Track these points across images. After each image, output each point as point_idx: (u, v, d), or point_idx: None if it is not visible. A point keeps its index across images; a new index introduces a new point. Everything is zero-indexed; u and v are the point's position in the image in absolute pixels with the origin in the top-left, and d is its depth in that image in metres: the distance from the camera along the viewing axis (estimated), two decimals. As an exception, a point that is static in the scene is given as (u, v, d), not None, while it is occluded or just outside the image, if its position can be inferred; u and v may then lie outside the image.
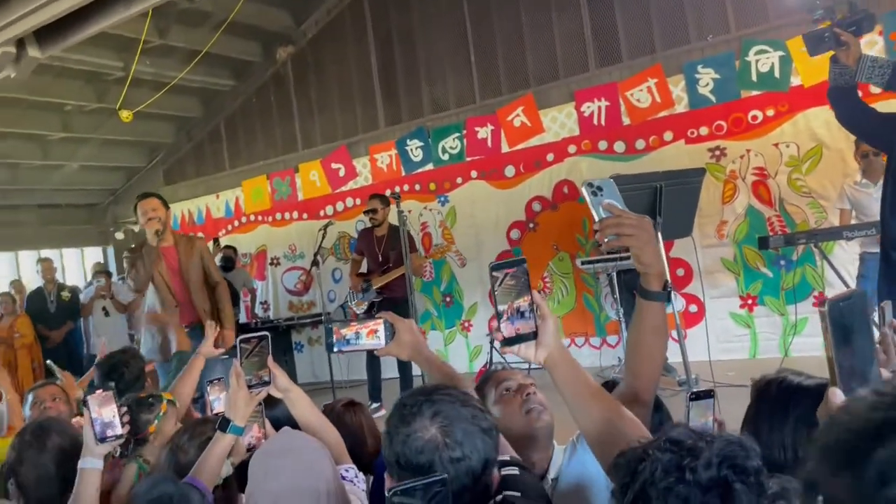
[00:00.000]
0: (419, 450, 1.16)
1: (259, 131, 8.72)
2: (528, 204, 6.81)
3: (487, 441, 1.19)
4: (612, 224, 1.32)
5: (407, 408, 1.21)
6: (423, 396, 1.22)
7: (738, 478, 0.83)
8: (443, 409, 1.19)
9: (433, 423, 1.17)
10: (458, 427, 1.17)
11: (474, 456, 1.16)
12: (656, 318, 1.42)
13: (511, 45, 6.98)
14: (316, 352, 7.98)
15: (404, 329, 1.63)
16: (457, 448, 1.16)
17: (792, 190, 5.63)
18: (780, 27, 5.62)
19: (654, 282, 1.39)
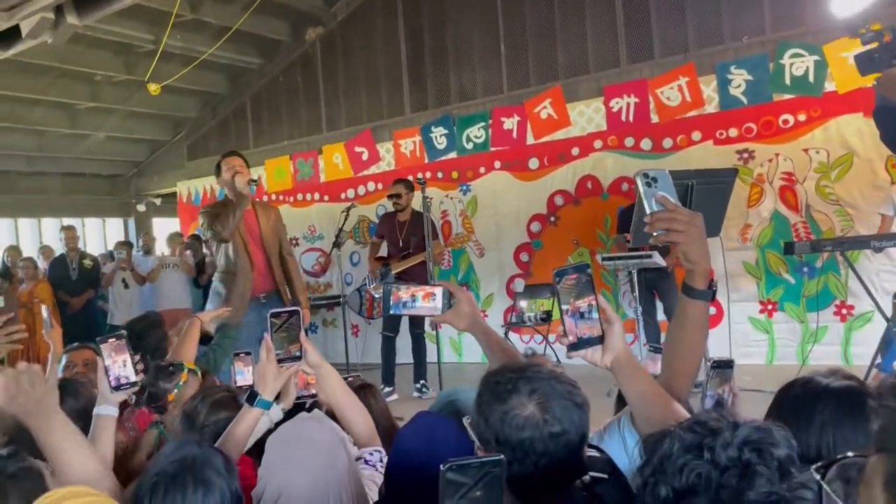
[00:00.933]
0: (520, 426, 1.16)
1: (284, 111, 8.73)
2: (550, 197, 6.79)
3: (582, 416, 1.20)
4: (665, 218, 1.31)
5: (501, 385, 1.21)
6: (517, 374, 1.22)
7: (760, 461, 0.82)
8: (539, 385, 1.19)
9: (531, 400, 1.18)
10: (555, 403, 1.18)
11: (572, 430, 1.18)
12: (699, 316, 1.41)
13: (542, 36, 6.94)
14: (330, 333, 8.02)
15: (464, 299, 1.62)
16: (556, 423, 1.17)
17: (819, 196, 5.57)
18: (818, 31, 5.54)
19: (700, 280, 1.38)
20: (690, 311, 1.41)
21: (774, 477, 0.81)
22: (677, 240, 1.32)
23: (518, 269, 6.98)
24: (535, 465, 1.13)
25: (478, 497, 1.00)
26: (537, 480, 1.15)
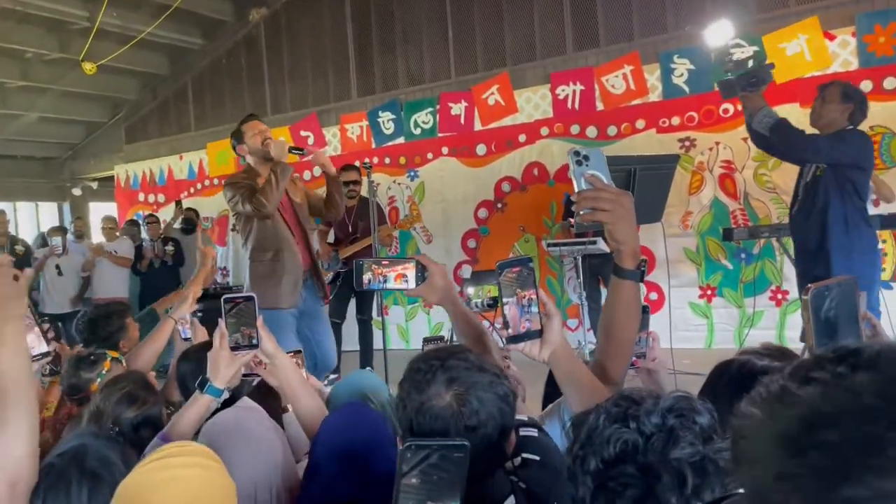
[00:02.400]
0: (435, 417, 1.12)
1: (227, 93, 8.52)
2: (497, 184, 6.80)
3: (504, 408, 1.16)
4: (590, 196, 1.30)
5: (421, 373, 1.17)
6: (438, 361, 1.17)
7: (682, 426, 0.82)
8: (459, 375, 1.15)
9: (448, 391, 1.14)
10: (473, 395, 1.14)
11: (490, 423, 1.14)
12: (629, 297, 1.40)
13: (490, 22, 6.93)
14: (275, 321, 7.89)
15: (437, 272, 1.61)
16: (472, 416, 1.13)
17: (757, 184, 5.73)
18: (757, 22, 5.67)
19: (628, 260, 1.36)
20: (620, 292, 1.39)
21: (698, 440, 0.81)
22: (602, 219, 1.31)
23: (465, 256, 6.98)
24: None
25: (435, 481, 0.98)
26: None
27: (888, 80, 5.25)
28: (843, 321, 0.93)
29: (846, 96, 3.55)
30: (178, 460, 1.08)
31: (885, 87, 5.25)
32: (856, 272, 3.31)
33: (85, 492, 1.25)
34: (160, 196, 8.95)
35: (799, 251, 3.69)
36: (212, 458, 1.13)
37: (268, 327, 1.70)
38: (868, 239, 3.54)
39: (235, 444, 1.41)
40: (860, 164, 3.46)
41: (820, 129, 3.56)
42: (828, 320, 0.92)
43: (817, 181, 3.50)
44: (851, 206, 3.46)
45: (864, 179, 3.54)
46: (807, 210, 3.52)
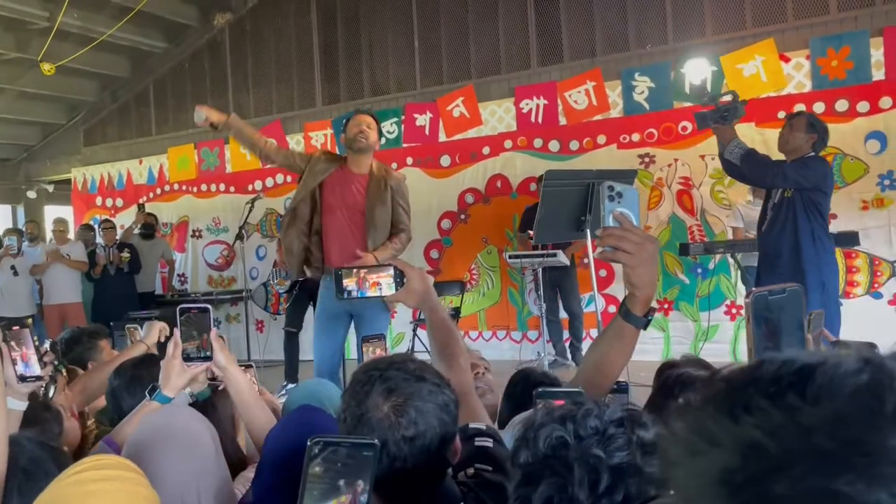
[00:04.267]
0: (372, 428, 1.11)
1: (190, 98, 8.40)
2: (461, 195, 6.83)
3: (444, 418, 1.15)
4: (616, 235, 1.26)
5: (360, 384, 1.16)
6: (377, 372, 1.16)
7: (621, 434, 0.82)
8: (397, 385, 1.14)
9: (386, 402, 1.13)
10: (412, 405, 1.12)
11: (429, 433, 1.12)
12: (628, 340, 1.39)
13: (456, 35, 6.98)
14: (233, 329, 7.79)
15: (415, 277, 1.63)
16: (410, 427, 1.11)
17: (714, 201, 5.85)
18: (716, 43, 5.81)
19: (639, 306, 1.34)
20: (621, 333, 1.38)
21: (637, 451, 0.81)
22: (624, 260, 1.28)
23: (428, 266, 6.98)
24: (391, 467, 1.09)
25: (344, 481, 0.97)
26: (398, 482, 1.11)
27: (840, 103, 5.42)
28: (785, 327, 0.91)
29: (811, 126, 3.88)
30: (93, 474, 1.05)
31: (836, 109, 5.42)
32: (827, 285, 3.75)
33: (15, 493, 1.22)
34: (118, 200, 8.79)
35: (767, 267, 3.83)
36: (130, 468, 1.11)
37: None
38: (832, 254, 3.91)
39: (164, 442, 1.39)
40: (822, 188, 3.80)
41: (786, 153, 3.87)
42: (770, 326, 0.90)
43: (784, 202, 3.80)
44: (817, 225, 3.78)
45: (826, 201, 3.87)
46: (777, 229, 3.79)
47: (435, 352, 1.63)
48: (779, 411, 0.37)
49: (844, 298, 5.35)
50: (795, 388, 0.38)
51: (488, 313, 6.67)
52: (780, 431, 0.37)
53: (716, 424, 0.39)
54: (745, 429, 0.38)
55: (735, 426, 0.38)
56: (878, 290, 5.33)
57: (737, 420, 0.38)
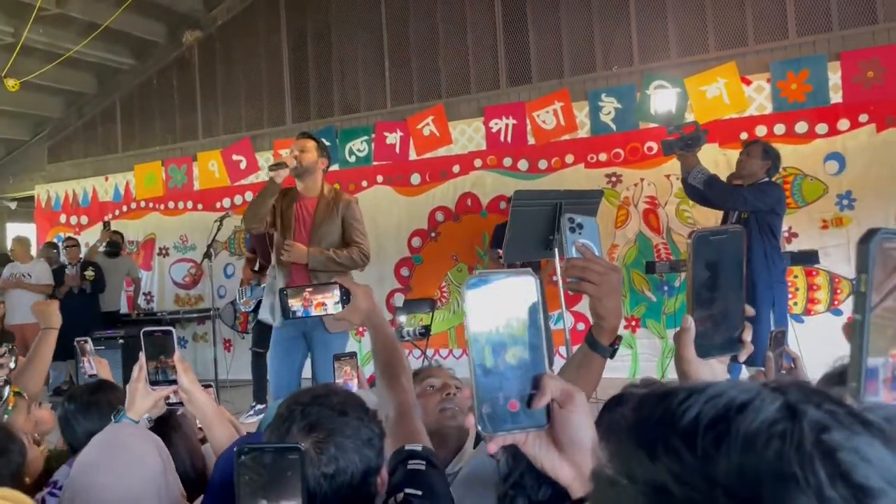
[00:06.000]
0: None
1: (157, 115, 8.35)
2: (431, 213, 6.86)
3: (367, 452, 1.15)
4: (580, 266, 1.27)
5: (281, 419, 1.16)
6: (299, 407, 1.16)
7: None
8: (319, 421, 1.14)
9: (307, 438, 1.13)
10: (332, 441, 1.13)
11: (350, 469, 1.13)
12: (595, 370, 1.40)
13: (426, 54, 7.04)
14: (200, 348, 7.69)
15: (360, 294, 1.64)
16: (331, 464, 1.11)
17: (679, 220, 5.95)
18: (680, 65, 5.95)
19: (605, 336, 1.35)
20: (588, 363, 1.39)
21: None
22: (589, 291, 1.28)
23: (398, 284, 6.99)
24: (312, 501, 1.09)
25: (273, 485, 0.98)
26: None
27: (799, 125, 5.57)
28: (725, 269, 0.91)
29: (766, 153, 4.20)
30: None
31: (796, 130, 5.57)
32: (777, 300, 4.00)
33: None
34: (83, 218, 8.65)
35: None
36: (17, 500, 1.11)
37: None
38: (783, 273, 4.16)
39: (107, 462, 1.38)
40: (777, 210, 4.09)
41: (743, 178, 4.17)
42: (710, 268, 0.90)
43: (741, 222, 4.00)
44: (769, 245, 4.03)
45: (779, 222, 4.15)
46: None
47: (378, 370, 1.62)
48: (691, 457, 0.36)
49: (806, 315, 5.48)
50: (712, 433, 0.36)
51: (459, 331, 6.68)
52: (687, 479, 0.35)
53: (635, 459, 0.38)
54: (659, 469, 0.37)
55: (650, 464, 0.37)
56: (839, 307, 5.46)
57: (654, 459, 0.37)
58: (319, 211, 3.72)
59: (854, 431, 0.34)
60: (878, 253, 0.44)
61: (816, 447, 0.33)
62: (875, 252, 0.44)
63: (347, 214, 3.76)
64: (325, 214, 3.72)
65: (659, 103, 5.84)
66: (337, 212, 3.73)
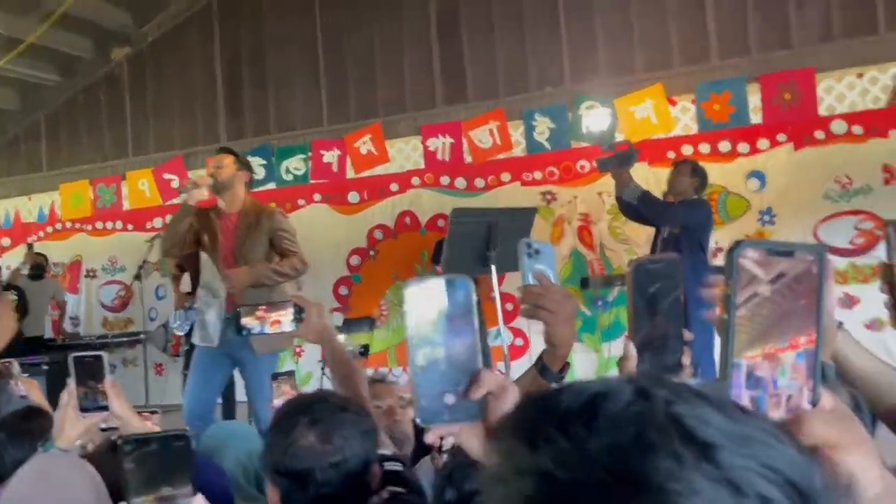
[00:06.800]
0: (300, 457, 1.19)
1: (84, 133, 8.10)
2: (370, 231, 6.85)
3: (366, 443, 1.26)
4: (536, 292, 1.26)
5: (286, 417, 1.26)
6: (302, 407, 1.27)
7: None
8: (322, 416, 1.23)
9: (311, 431, 1.21)
10: (336, 433, 1.22)
11: (353, 459, 1.22)
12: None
13: (362, 73, 7.06)
14: (130, 373, 7.43)
15: (314, 312, 1.67)
16: (336, 453, 1.21)
17: (611, 236, 6.12)
18: (610, 86, 6.13)
19: (556, 363, 1.36)
20: (536, 387, 1.38)
21: None
22: (544, 319, 1.28)
23: (337, 303, 6.93)
24: (318, 493, 1.17)
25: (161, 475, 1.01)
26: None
27: (723, 144, 5.82)
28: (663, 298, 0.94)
29: (694, 172, 4.41)
30: None
31: (720, 149, 5.81)
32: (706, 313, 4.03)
33: None
34: (5, 240, 8.29)
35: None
36: None
37: None
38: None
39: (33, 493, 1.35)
40: (705, 226, 4.30)
41: (673, 195, 4.35)
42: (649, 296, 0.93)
43: (672, 238, 4.19)
44: (698, 260, 4.16)
45: (707, 237, 4.33)
46: None
47: (338, 382, 1.70)
48: (567, 442, 0.40)
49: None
50: (582, 419, 0.41)
51: (399, 350, 6.66)
52: (567, 461, 0.40)
53: (518, 453, 0.42)
54: (541, 458, 0.41)
55: (533, 455, 0.41)
56: (763, 318, 5.69)
57: (535, 449, 0.41)
58: (241, 226, 3.68)
59: (693, 403, 0.41)
60: (738, 264, 0.49)
61: (667, 418, 0.40)
62: (737, 262, 0.49)
63: (272, 226, 3.71)
64: (247, 229, 3.67)
65: (591, 122, 6.01)
66: (260, 225, 3.68)
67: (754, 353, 0.50)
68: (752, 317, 0.50)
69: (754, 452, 0.39)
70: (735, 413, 0.42)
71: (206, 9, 7.59)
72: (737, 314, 0.49)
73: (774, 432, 0.41)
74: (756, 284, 0.49)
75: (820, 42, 5.72)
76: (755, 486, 0.38)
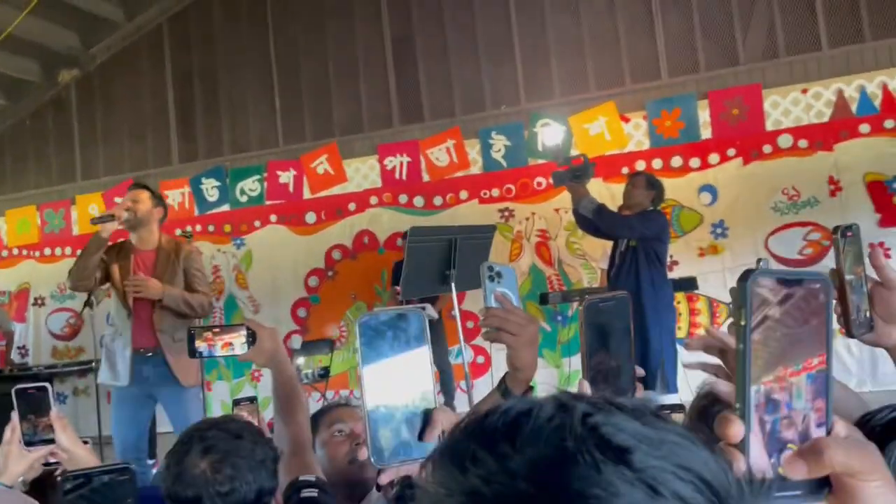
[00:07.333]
0: (188, 484, 1.19)
1: (31, 157, 7.88)
2: (328, 251, 6.79)
3: (261, 472, 1.24)
4: (499, 316, 1.26)
5: (181, 444, 1.25)
6: (198, 433, 1.26)
7: None
8: (215, 444, 1.23)
9: (204, 459, 1.21)
10: (228, 461, 1.21)
11: (244, 489, 1.21)
12: None
13: (317, 92, 7.03)
14: (81, 403, 7.20)
15: (265, 336, 1.65)
16: (226, 482, 1.20)
17: (569, 252, 6.17)
18: (564, 104, 6.23)
19: (519, 386, 1.34)
20: None
21: None
22: (507, 342, 1.27)
23: (295, 325, 6.84)
24: None
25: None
26: None
27: (675, 159, 5.94)
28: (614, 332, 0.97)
29: (650, 184, 4.44)
30: None
31: (672, 165, 5.93)
32: (664, 324, 4.17)
33: None
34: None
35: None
36: None
37: None
38: (670, 297, 4.38)
39: None
40: (662, 237, 4.30)
41: (629, 208, 4.35)
42: (600, 332, 0.96)
43: (629, 251, 4.22)
44: (655, 271, 4.21)
45: (664, 249, 4.34)
46: (623, 274, 4.22)
47: (276, 407, 1.68)
48: (493, 460, 0.41)
49: (690, 339, 5.77)
50: (507, 437, 0.42)
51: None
52: (493, 478, 0.41)
53: (448, 474, 0.43)
54: (469, 478, 0.41)
55: (462, 476, 0.42)
56: (719, 329, 5.79)
57: (464, 470, 0.42)
58: (160, 263, 3.64)
59: (610, 412, 0.43)
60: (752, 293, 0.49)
61: (584, 427, 0.42)
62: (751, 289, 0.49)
63: (188, 265, 3.70)
64: (165, 266, 3.64)
65: (547, 138, 6.09)
66: (178, 263, 3.66)
67: (769, 377, 0.50)
68: (766, 340, 0.50)
69: (668, 454, 0.41)
70: (651, 420, 0.43)
71: (156, 30, 7.49)
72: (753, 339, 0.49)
73: (688, 436, 0.43)
74: (766, 307, 0.50)
75: (765, 59, 5.90)
76: (670, 485, 0.39)
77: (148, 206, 3.67)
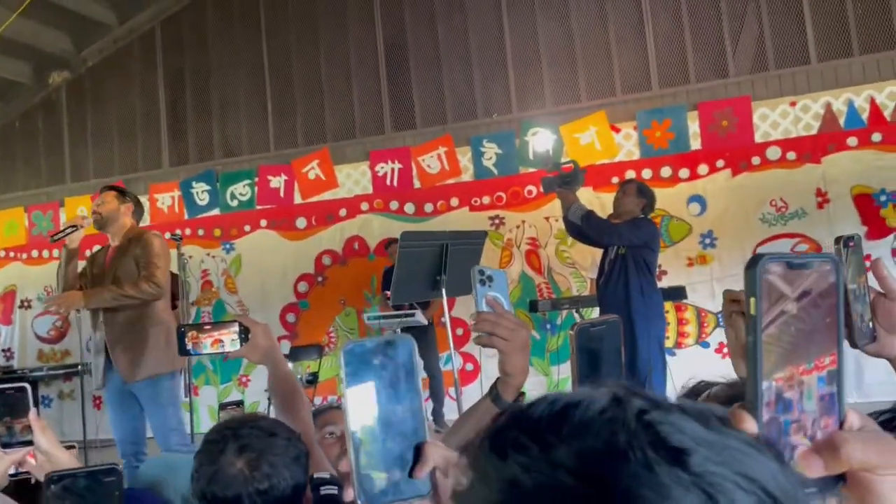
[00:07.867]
0: (226, 485, 1.18)
1: (20, 159, 7.83)
2: (318, 257, 6.78)
3: (296, 469, 1.24)
4: (490, 320, 1.25)
5: (213, 444, 1.23)
6: (230, 431, 1.24)
7: None
8: (250, 442, 1.22)
9: (240, 458, 1.20)
10: (265, 459, 1.20)
11: (282, 485, 1.21)
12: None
13: (310, 98, 7.03)
14: (67, 406, 7.14)
15: (259, 333, 1.63)
16: (264, 480, 1.19)
17: (559, 260, 6.20)
18: (555, 114, 6.26)
19: (510, 392, 1.33)
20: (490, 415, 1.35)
21: None
22: (498, 347, 1.27)
23: (284, 331, 6.81)
24: None
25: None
26: None
27: (664, 169, 5.98)
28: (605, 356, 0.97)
29: (641, 192, 4.40)
30: None
31: (662, 175, 5.97)
32: (653, 333, 4.15)
33: None
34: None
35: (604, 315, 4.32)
36: None
37: None
38: (659, 306, 4.32)
39: None
40: (651, 246, 4.26)
41: (619, 215, 4.32)
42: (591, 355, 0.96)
43: (619, 259, 4.20)
44: (644, 279, 4.18)
45: (654, 258, 4.30)
46: (612, 283, 4.20)
47: (277, 406, 1.66)
48: (537, 448, 0.40)
49: (677, 349, 5.80)
50: (553, 427, 0.40)
51: (347, 377, 6.57)
52: (534, 467, 0.39)
53: (487, 461, 0.42)
54: (509, 465, 0.40)
55: (501, 463, 0.41)
56: (706, 339, 5.83)
57: (504, 457, 0.41)
58: (116, 256, 3.73)
59: (670, 411, 0.40)
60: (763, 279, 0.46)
61: (640, 424, 0.39)
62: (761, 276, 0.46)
63: (139, 249, 3.69)
64: (119, 255, 3.72)
65: (538, 144, 6.11)
66: (130, 250, 3.71)
67: (782, 374, 0.48)
68: (781, 335, 0.47)
69: (730, 460, 0.38)
70: (715, 424, 0.41)
71: (148, 34, 7.48)
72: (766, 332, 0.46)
73: (756, 445, 0.40)
74: (783, 302, 0.47)
75: (755, 72, 5.97)
76: (730, 494, 0.37)
77: (113, 205, 3.77)
